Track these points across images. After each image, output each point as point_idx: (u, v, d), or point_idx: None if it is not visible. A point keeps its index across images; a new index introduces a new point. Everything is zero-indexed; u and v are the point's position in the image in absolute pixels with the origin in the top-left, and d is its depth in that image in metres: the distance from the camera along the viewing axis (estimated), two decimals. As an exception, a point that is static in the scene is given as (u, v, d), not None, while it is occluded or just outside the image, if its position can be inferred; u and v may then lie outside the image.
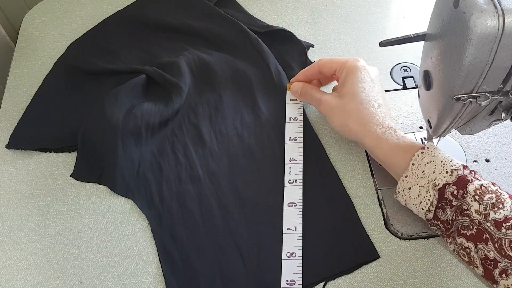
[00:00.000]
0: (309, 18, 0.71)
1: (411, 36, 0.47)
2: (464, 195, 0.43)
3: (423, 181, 0.45)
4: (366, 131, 0.50)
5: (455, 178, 0.44)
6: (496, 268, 0.41)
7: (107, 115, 0.56)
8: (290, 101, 0.60)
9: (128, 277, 0.50)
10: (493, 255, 0.41)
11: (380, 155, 0.49)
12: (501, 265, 0.41)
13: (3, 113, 0.63)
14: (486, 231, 0.42)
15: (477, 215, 0.42)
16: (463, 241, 0.44)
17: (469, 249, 0.43)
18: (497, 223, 0.41)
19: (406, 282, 0.48)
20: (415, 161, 0.46)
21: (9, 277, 0.50)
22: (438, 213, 0.45)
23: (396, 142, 0.48)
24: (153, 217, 0.53)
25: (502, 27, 0.34)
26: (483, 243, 0.42)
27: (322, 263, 0.49)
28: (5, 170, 0.58)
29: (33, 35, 0.71)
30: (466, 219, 0.43)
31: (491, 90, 0.39)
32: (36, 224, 0.54)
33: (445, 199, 0.44)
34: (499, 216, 0.41)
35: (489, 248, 0.42)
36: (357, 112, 0.50)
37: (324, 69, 0.56)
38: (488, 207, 0.42)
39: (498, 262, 0.41)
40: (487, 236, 0.42)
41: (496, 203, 0.42)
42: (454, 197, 0.44)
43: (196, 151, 0.57)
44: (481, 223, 0.42)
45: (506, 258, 0.41)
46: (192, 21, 0.68)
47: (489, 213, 0.41)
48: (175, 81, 0.60)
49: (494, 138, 0.57)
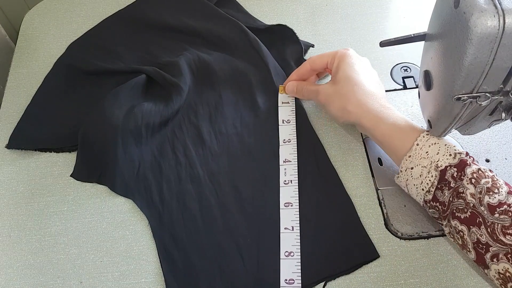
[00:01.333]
0: (309, 18, 0.71)
1: (411, 36, 0.47)
2: (462, 177, 0.44)
3: (426, 161, 0.46)
4: (364, 111, 0.50)
5: (457, 161, 0.45)
6: (487, 253, 0.42)
7: (107, 115, 0.56)
8: (282, 104, 0.60)
9: (128, 277, 0.50)
10: (485, 239, 0.42)
11: (379, 136, 0.50)
12: (493, 249, 0.41)
13: (3, 113, 0.63)
14: (479, 215, 0.42)
15: (472, 199, 0.43)
16: (457, 224, 0.44)
17: (463, 232, 0.44)
18: (491, 208, 0.41)
19: (406, 282, 0.48)
20: (420, 141, 0.46)
21: (9, 277, 0.50)
22: (437, 194, 0.46)
23: (394, 123, 0.49)
24: (153, 217, 0.53)
25: (502, 27, 0.34)
26: (476, 226, 0.42)
27: (322, 263, 0.49)
28: (5, 170, 0.58)
29: (33, 35, 0.71)
30: (461, 201, 0.43)
31: (491, 90, 0.39)
32: (36, 224, 0.54)
33: (445, 181, 0.45)
34: (493, 200, 0.41)
35: (481, 232, 0.42)
36: (353, 94, 0.51)
37: (315, 65, 0.57)
38: (484, 191, 0.42)
39: (490, 247, 0.41)
40: (480, 220, 0.42)
41: (491, 187, 0.42)
42: (453, 179, 0.44)
43: (196, 150, 0.57)
44: (475, 207, 0.42)
45: (497, 242, 0.41)
46: (192, 21, 0.68)
47: (484, 197, 0.42)
48: (175, 81, 0.60)
49: (494, 138, 0.57)
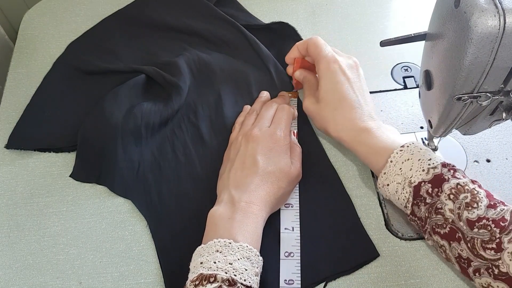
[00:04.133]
0: (309, 17, 0.71)
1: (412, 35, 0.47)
2: (439, 193, 0.43)
3: (399, 178, 0.46)
4: (342, 137, 0.51)
5: (431, 176, 0.44)
6: (469, 267, 0.42)
7: (106, 115, 0.56)
8: None
9: (127, 278, 0.50)
10: (466, 255, 0.41)
11: (361, 158, 0.51)
12: (474, 264, 0.41)
13: (2, 113, 0.63)
14: (459, 230, 0.42)
15: (450, 214, 0.42)
16: (438, 239, 0.44)
17: (444, 247, 0.44)
18: (470, 223, 0.41)
19: (406, 282, 0.48)
20: (393, 158, 0.47)
21: (8, 277, 0.50)
22: (414, 210, 0.46)
23: (370, 146, 0.49)
24: (153, 217, 0.53)
25: (503, 27, 0.34)
26: (456, 242, 0.42)
27: (323, 263, 0.49)
28: (4, 170, 0.58)
29: (33, 34, 0.71)
30: (440, 217, 0.43)
31: (492, 90, 0.39)
32: (35, 224, 0.54)
33: (420, 197, 0.45)
34: (472, 215, 0.41)
35: (462, 247, 0.42)
36: (332, 119, 0.52)
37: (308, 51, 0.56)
38: (462, 206, 0.42)
39: (471, 261, 0.41)
40: (460, 235, 0.42)
41: (470, 202, 0.42)
42: (429, 195, 0.44)
43: (196, 150, 0.57)
44: (454, 222, 0.42)
45: (478, 257, 0.41)
46: (191, 21, 0.68)
47: (463, 212, 0.42)
48: (174, 81, 0.60)
49: (495, 138, 0.57)
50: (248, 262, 0.43)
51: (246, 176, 0.48)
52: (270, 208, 0.48)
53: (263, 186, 0.48)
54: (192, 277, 0.42)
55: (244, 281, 0.41)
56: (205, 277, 0.41)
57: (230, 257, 0.42)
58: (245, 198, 0.47)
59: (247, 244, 0.43)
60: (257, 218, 0.46)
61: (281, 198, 0.50)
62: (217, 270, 0.41)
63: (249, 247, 0.43)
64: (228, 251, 0.42)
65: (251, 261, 0.43)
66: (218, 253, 0.42)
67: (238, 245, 0.43)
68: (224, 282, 0.40)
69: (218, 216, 0.46)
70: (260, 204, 0.47)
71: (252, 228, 0.45)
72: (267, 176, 0.48)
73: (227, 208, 0.46)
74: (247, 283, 0.41)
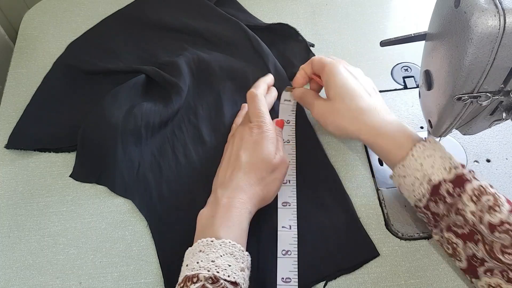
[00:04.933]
0: (309, 17, 0.71)
1: (412, 35, 0.47)
2: (460, 194, 0.43)
3: (419, 174, 0.45)
4: (361, 128, 0.50)
5: (453, 176, 0.44)
6: (482, 266, 0.42)
7: (106, 115, 0.56)
8: (284, 101, 0.59)
9: (127, 278, 0.50)
10: (481, 255, 0.41)
11: (378, 151, 0.50)
12: (488, 265, 0.41)
13: (2, 113, 0.63)
14: (479, 233, 0.42)
15: (472, 216, 0.42)
16: (451, 236, 0.44)
17: (456, 244, 0.44)
18: (491, 227, 0.41)
19: (406, 282, 0.48)
20: (415, 152, 0.46)
21: (8, 277, 0.50)
22: (430, 205, 0.45)
23: (392, 138, 0.48)
24: (153, 217, 0.53)
25: (503, 27, 0.34)
26: (473, 242, 0.42)
27: (322, 262, 0.49)
28: (4, 170, 0.58)
29: (33, 34, 0.71)
30: (460, 218, 0.43)
31: (492, 90, 0.39)
32: (35, 224, 0.54)
33: (438, 195, 0.44)
34: (494, 219, 0.41)
35: (478, 248, 0.42)
36: (348, 110, 0.50)
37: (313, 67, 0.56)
38: (485, 209, 0.41)
39: (485, 262, 0.41)
40: (479, 237, 0.42)
41: (493, 205, 0.41)
42: (449, 195, 0.43)
43: (196, 150, 0.57)
44: (475, 225, 0.42)
45: (495, 260, 0.41)
46: (192, 21, 0.68)
47: (485, 215, 0.41)
48: (174, 81, 0.60)
49: (495, 138, 0.57)
50: (232, 258, 0.42)
51: (231, 173, 0.48)
52: (257, 200, 0.48)
53: (246, 179, 0.47)
54: (179, 281, 0.42)
55: (228, 277, 0.41)
56: (188, 278, 0.41)
57: (212, 254, 0.42)
58: (227, 194, 0.46)
59: (229, 240, 0.43)
60: (241, 211, 0.46)
61: (267, 188, 0.49)
62: (199, 270, 0.41)
63: (232, 243, 0.43)
64: (210, 249, 0.42)
65: (235, 256, 0.43)
66: (201, 253, 0.42)
67: (221, 241, 0.43)
68: (207, 280, 0.40)
69: (203, 217, 0.46)
70: (243, 197, 0.46)
71: (236, 223, 0.45)
72: (249, 168, 0.48)
73: (212, 208, 0.46)
74: (231, 279, 0.41)
